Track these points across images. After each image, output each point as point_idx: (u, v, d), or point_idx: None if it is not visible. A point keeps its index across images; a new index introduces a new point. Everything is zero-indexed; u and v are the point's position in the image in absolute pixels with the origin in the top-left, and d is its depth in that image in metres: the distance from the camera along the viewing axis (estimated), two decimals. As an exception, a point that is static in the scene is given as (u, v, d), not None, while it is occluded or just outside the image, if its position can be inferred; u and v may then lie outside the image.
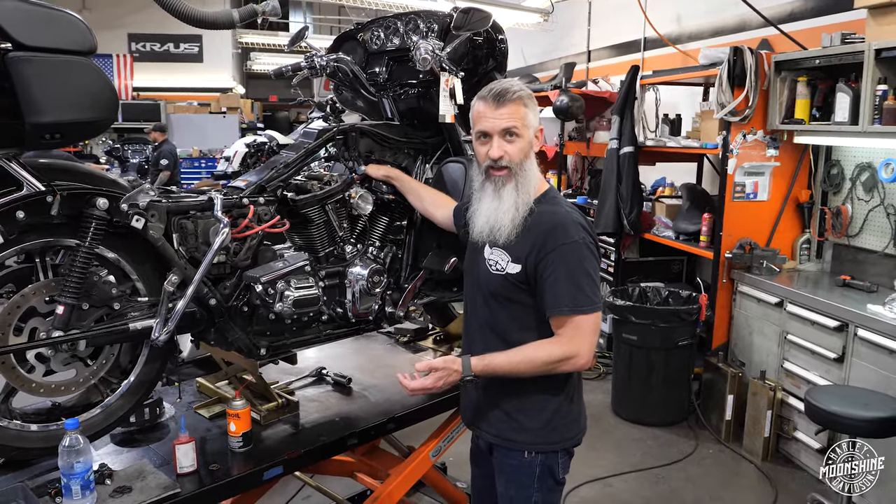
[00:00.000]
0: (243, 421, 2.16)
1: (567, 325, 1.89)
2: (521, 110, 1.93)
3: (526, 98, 1.95)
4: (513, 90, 1.93)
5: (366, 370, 2.90)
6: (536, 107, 1.98)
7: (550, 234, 1.90)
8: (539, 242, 1.90)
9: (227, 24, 2.45)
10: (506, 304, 1.98)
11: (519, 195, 1.95)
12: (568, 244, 1.88)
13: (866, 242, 4.16)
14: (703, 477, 3.92)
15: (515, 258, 1.94)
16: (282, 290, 2.18)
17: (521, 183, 1.95)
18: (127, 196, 1.91)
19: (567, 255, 1.88)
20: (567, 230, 1.90)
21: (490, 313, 2.03)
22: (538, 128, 1.98)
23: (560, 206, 1.98)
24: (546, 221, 1.92)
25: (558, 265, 1.88)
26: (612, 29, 7.23)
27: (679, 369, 4.51)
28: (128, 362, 2.10)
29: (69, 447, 1.78)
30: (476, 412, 2.12)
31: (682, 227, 5.10)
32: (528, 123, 1.95)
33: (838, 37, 3.78)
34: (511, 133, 1.93)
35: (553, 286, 1.88)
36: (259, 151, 10.73)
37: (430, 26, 2.61)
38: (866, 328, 3.47)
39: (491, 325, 2.03)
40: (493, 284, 1.99)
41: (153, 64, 13.44)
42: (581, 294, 1.87)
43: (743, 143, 4.39)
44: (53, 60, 1.62)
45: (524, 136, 1.94)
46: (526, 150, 1.95)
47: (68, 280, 1.85)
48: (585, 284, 1.88)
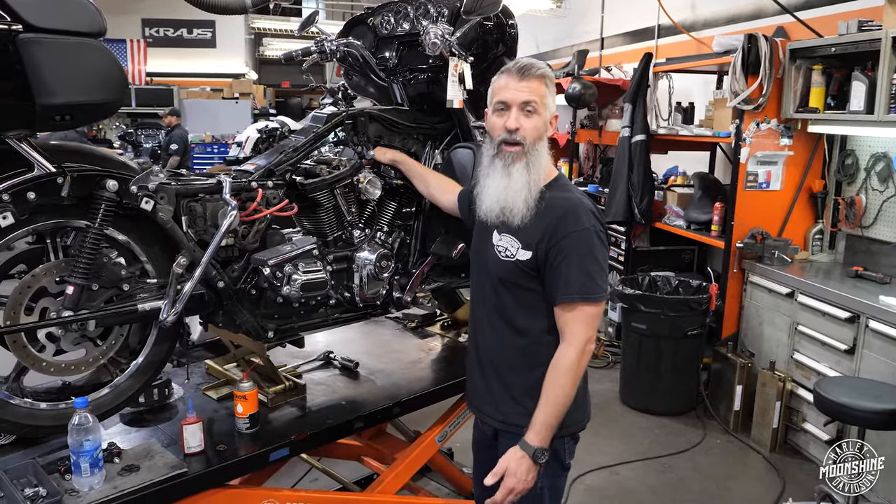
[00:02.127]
0: (250, 403, 2.18)
1: (574, 312, 1.88)
2: (542, 88, 1.92)
3: (548, 78, 1.94)
4: (537, 66, 1.93)
5: (373, 355, 2.92)
6: (555, 92, 1.97)
7: (562, 221, 1.88)
8: (550, 229, 1.88)
9: (239, 8, 2.45)
10: (514, 289, 1.97)
11: (530, 175, 1.92)
12: (579, 231, 1.87)
13: (880, 233, 4.12)
14: (710, 467, 3.91)
15: (526, 244, 1.92)
16: (289, 273, 2.19)
17: (532, 163, 1.92)
18: (136, 178, 1.92)
19: (578, 242, 1.87)
20: (578, 217, 1.88)
21: (498, 299, 2.01)
22: (554, 113, 1.97)
23: (571, 192, 1.97)
24: (558, 207, 1.90)
25: (569, 252, 1.86)
26: (625, 16, 7.16)
27: (688, 359, 4.50)
28: (137, 343, 2.13)
29: (78, 425, 1.80)
30: (482, 398, 2.11)
31: (694, 216, 5.07)
32: (547, 103, 1.93)
33: (855, 24, 3.73)
34: (530, 107, 1.90)
35: (563, 273, 1.87)
36: (271, 137, 10.75)
37: (440, 11, 2.60)
38: (878, 320, 3.44)
39: (499, 311, 2.01)
40: (502, 271, 1.97)
41: (166, 49, 13.47)
42: (591, 282, 1.86)
43: (756, 131, 4.35)
44: (63, 42, 1.64)
45: (541, 114, 1.92)
46: (541, 129, 1.93)
47: (78, 261, 1.87)
48: (595, 272, 1.87)
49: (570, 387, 1.88)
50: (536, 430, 1.88)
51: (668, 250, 5.66)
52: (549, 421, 1.88)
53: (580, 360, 1.88)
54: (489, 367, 2.05)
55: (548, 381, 1.89)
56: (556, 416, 1.88)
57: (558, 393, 1.87)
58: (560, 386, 1.87)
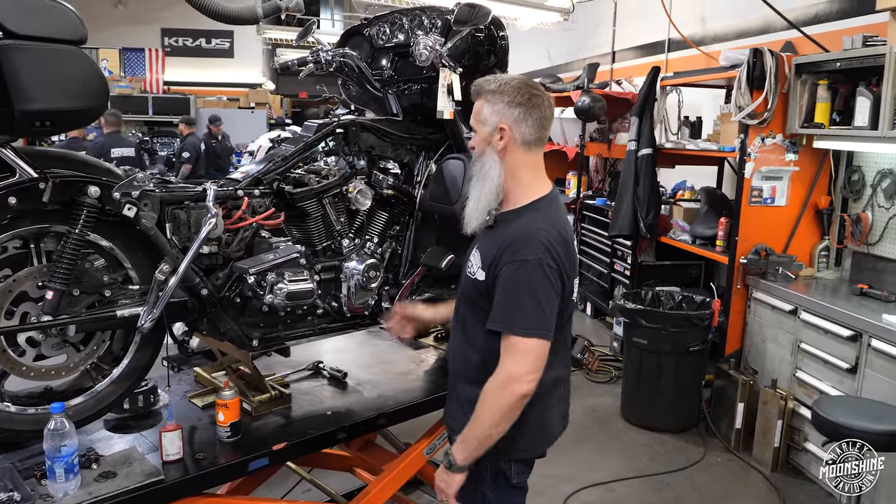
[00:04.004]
0: (232, 411, 2.17)
1: (504, 343, 1.81)
2: (477, 107, 1.91)
3: (485, 93, 1.89)
4: (475, 86, 1.93)
5: (363, 365, 2.91)
6: (501, 102, 1.85)
7: (509, 247, 1.82)
8: (499, 253, 1.83)
9: (250, 19, 2.46)
10: (472, 306, 1.95)
11: (477, 190, 1.92)
12: (520, 261, 1.79)
13: (886, 251, 4.05)
14: (709, 485, 3.85)
15: (483, 265, 1.89)
16: (273, 281, 2.19)
17: (478, 179, 1.92)
18: (119, 185, 1.93)
19: (516, 272, 1.79)
20: (526, 246, 1.80)
21: (461, 313, 2.02)
22: (497, 124, 1.85)
23: (538, 219, 1.85)
24: (512, 232, 1.85)
25: (506, 281, 1.80)
26: (636, 30, 7.16)
27: (690, 375, 4.44)
28: (120, 349, 2.13)
29: (54, 430, 1.81)
30: (448, 411, 2.14)
31: (699, 231, 5.03)
32: (483, 119, 1.88)
33: (860, 39, 3.69)
34: (472, 129, 1.95)
35: (498, 300, 1.82)
36: (282, 147, 10.53)
37: (433, 22, 2.61)
38: (880, 338, 3.38)
39: (462, 325, 2.01)
40: (467, 287, 1.98)
41: (185, 59, 13.64)
42: (519, 314, 1.78)
43: (761, 146, 4.31)
44: (43, 49, 1.65)
45: (479, 132, 1.90)
46: (481, 146, 1.91)
47: (59, 266, 1.88)
48: (527, 305, 1.78)
49: (486, 415, 1.82)
50: (455, 444, 1.93)
51: (674, 265, 5.62)
52: (465, 436, 1.89)
53: (499, 395, 1.80)
54: (452, 382, 2.09)
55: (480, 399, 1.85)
56: (471, 434, 1.86)
57: (477, 416, 1.84)
58: (478, 410, 1.84)
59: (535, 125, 1.86)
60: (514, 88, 1.85)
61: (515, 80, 1.89)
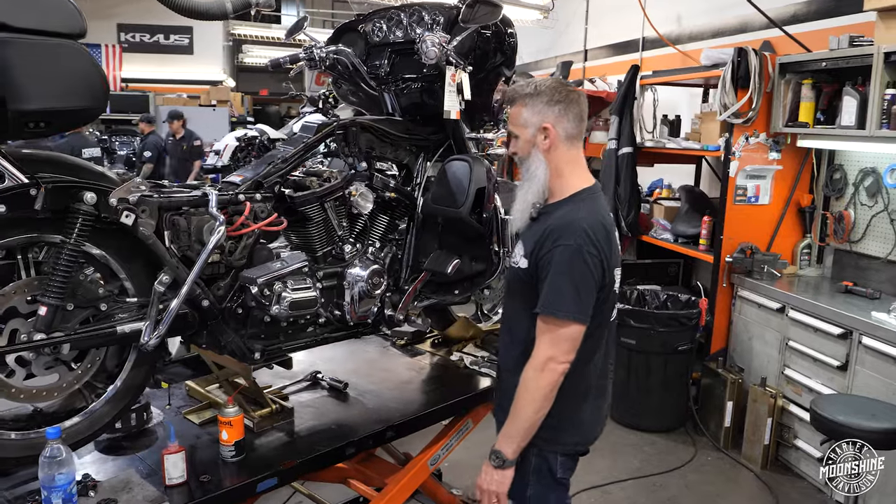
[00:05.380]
0: (236, 429, 2.05)
1: (540, 327, 1.90)
2: (515, 112, 1.99)
3: (523, 97, 1.96)
4: (510, 93, 2.03)
5: (362, 374, 2.80)
6: (541, 102, 1.94)
7: (551, 234, 1.89)
8: (542, 240, 1.91)
9: (219, 14, 2.34)
10: (516, 296, 2.04)
11: (524, 190, 2.00)
12: (561, 247, 1.86)
13: (869, 248, 4.10)
14: (702, 485, 3.84)
15: (526, 253, 1.97)
16: (279, 291, 2.07)
17: (525, 180, 2.00)
18: (116, 190, 1.80)
19: (557, 258, 1.86)
20: (567, 233, 1.87)
21: (508, 306, 2.14)
22: (540, 124, 1.94)
23: (580, 208, 1.93)
24: (554, 221, 1.92)
25: (547, 267, 1.88)
26: (610, 28, 7.15)
27: (678, 374, 4.43)
28: (114, 366, 1.98)
29: (50, 458, 1.67)
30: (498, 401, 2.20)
31: (681, 229, 5.03)
32: (524, 122, 1.96)
33: (846, 39, 3.71)
34: (512, 135, 2.02)
35: (541, 286, 1.90)
36: (249, 146, 10.62)
37: (435, 18, 2.52)
38: (871, 336, 3.40)
39: (508, 316, 2.12)
40: (511, 277, 2.08)
41: (142, 55, 13.24)
42: (558, 297, 1.85)
43: (745, 145, 4.32)
44: (40, 44, 1.51)
45: (522, 135, 1.98)
46: (526, 149, 1.98)
47: (52, 279, 1.73)
48: (565, 289, 1.85)
49: (526, 402, 1.89)
50: (499, 434, 1.98)
51: (653, 263, 5.61)
52: (507, 430, 1.94)
53: (537, 378, 1.87)
54: (501, 370, 2.18)
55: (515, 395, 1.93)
56: (514, 426, 1.92)
57: (516, 405, 1.91)
58: (518, 400, 1.91)
59: (574, 119, 1.95)
60: (549, 88, 1.94)
61: (548, 80, 1.99)
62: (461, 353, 3.02)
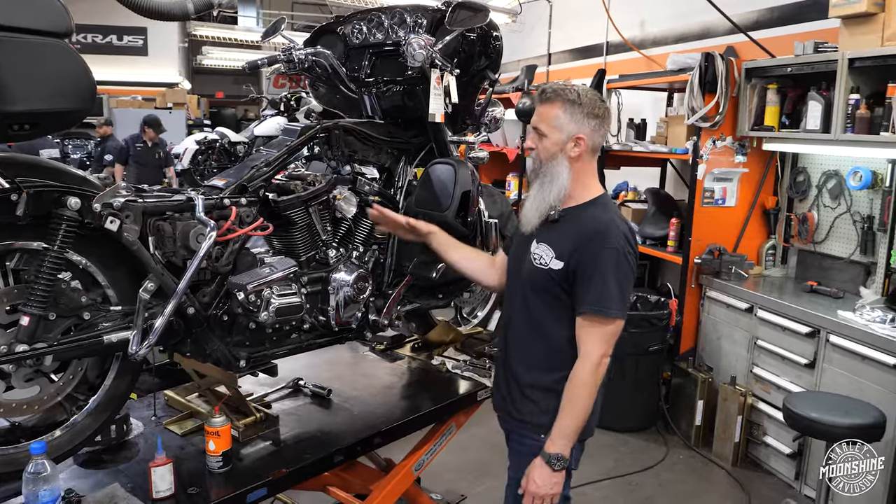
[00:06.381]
0: (223, 439, 2.00)
1: (588, 327, 1.96)
2: (551, 112, 2.00)
3: (564, 102, 1.98)
4: (550, 91, 2.01)
5: (344, 381, 2.77)
6: (581, 112, 1.98)
7: (594, 237, 1.96)
8: (583, 243, 1.96)
9: (181, 15, 2.30)
10: (543, 295, 2.04)
11: (543, 191, 2.03)
12: (606, 249, 1.94)
13: (832, 249, 4.21)
14: (675, 483, 3.89)
15: (559, 254, 2.00)
16: (267, 297, 2.03)
17: (545, 181, 2.03)
18: (100, 195, 1.74)
19: (602, 259, 1.94)
20: (609, 236, 1.96)
21: (528, 303, 2.09)
22: (576, 134, 1.98)
23: (609, 212, 2.04)
24: (593, 224, 1.99)
25: (592, 268, 1.94)
26: (574, 33, 7.22)
27: (649, 374, 4.49)
28: (96, 377, 1.92)
29: (34, 474, 1.61)
30: (503, 397, 2.18)
31: (649, 231, 5.10)
32: (558, 125, 1.99)
33: (811, 45, 3.81)
34: (539, 131, 2.03)
35: (585, 286, 1.95)
36: (210, 149, 10.39)
37: (417, 21, 2.50)
38: (838, 334, 3.50)
39: (526, 314, 2.10)
40: (536, 277, 2.05)
41: (95, 56, 12.86)
42: (607, 298, 1.93)
43: (713, 148, 4.40)
44: (25, 42, 1.45)
45: (551, 136, 2.01)
46: (552, 150, 2.02)
47: (35, 288, 1.67)
48: (612, 290, 1.93)
49: (585, 398, 1.96)
50: (553, 438, 1.98)
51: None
52: (564, 430, 1.97)
53: (593, 374, 1.95)
54: (511, 370, 2.14)
55: (566, 394, 1.98)
56: (571, 426, 1.97)
57: (574, 405, 1.96)
58: (575, 398, 1.96)
59: (604, 135, 2.06)
60: (591, 100, 1.99)
61: (589, 91, 2.03)
62: (442, 357, 3.00)
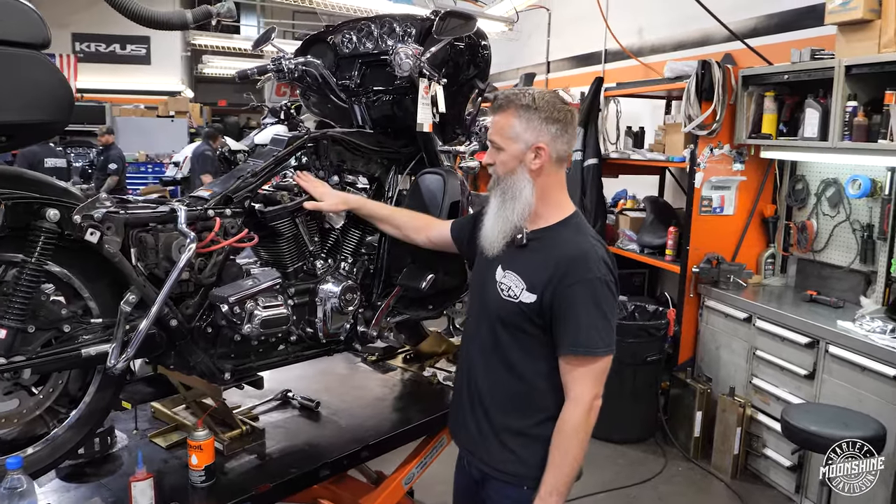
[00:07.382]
0: (206, 453, 1.98)
1: (578, 368, 1.77)
2: (505, 121, 1.81)
3: (517, 108, 1.79)
4: (501, 98, 1.83)
5: (334, 392, 2.74)
6: (538, 118, 1.78)
7: (570, 267, 1.75)
8: (559, 273, 1.76)
9: (179, 24, 2.29)
10: (514, 331, 1.84)
11: (505, 209, 1.83)
12: (587, 279, 1.74)
13: (832, 258, 4.18)
14: (674, 496, 3.85)
15: (531, 286, 1.80)
16: (251, 309, 2.01)
17: (507, 198, 1.83)
18: (81, 206, 1.72)
19: (585, 292, 1.74)
20: (587, 264, 1.76)
21: (496, 339, 1.88)
22: (534, 143, 1.78)
23: (584, 235, 1.83)
24: (568, 251, 1.79)
25: (575, 302, 1.74)
26: (573, 40, 7.22)
27: (647, 385, 4.45)
28: (77, 389, 1.89)
29: (10, 489, 1.58)
30: (474, 440, 1.96)
31: (647, 240, 5.07)
32: (514, 135, 1.80)
33: (808, 53, 3.79)
34: (495, 144, 1.84)
35: (568, 325, 1.75)
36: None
37: (407, 30, 2.48)
38: (838, 345, 3.46)
39: (496, 352, 1.89)
40: (504, 311, 1.85)
41: (98, 65, 12.99)
42: (596, 336, 1.75)
43: (710, 156, 4.38)
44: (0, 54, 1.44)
45: (507, 149, 1.81)
46: (510, 165, 1.82)
47: (13, 300, 1.64)
48: (601, 326, 1.75)
49: (577, 448, 1.76)
50: (541, 496, 1.77)
51: (619, 274, 5.61)
52: (556, 486, 1.76)
53: (587, 419, 1.77)
54: (480, 408, 1.92)
55: (554, 444, 1.77)
56: (563, 481, 1.77)
57: (566, 456, 1.76)
58: (567, 450, 1.76)
59: (568, 142, 1.83)
60: (548, 104, 1.78)
61: (546, 93, 1.83)
62: (434, 369, 2.97)
